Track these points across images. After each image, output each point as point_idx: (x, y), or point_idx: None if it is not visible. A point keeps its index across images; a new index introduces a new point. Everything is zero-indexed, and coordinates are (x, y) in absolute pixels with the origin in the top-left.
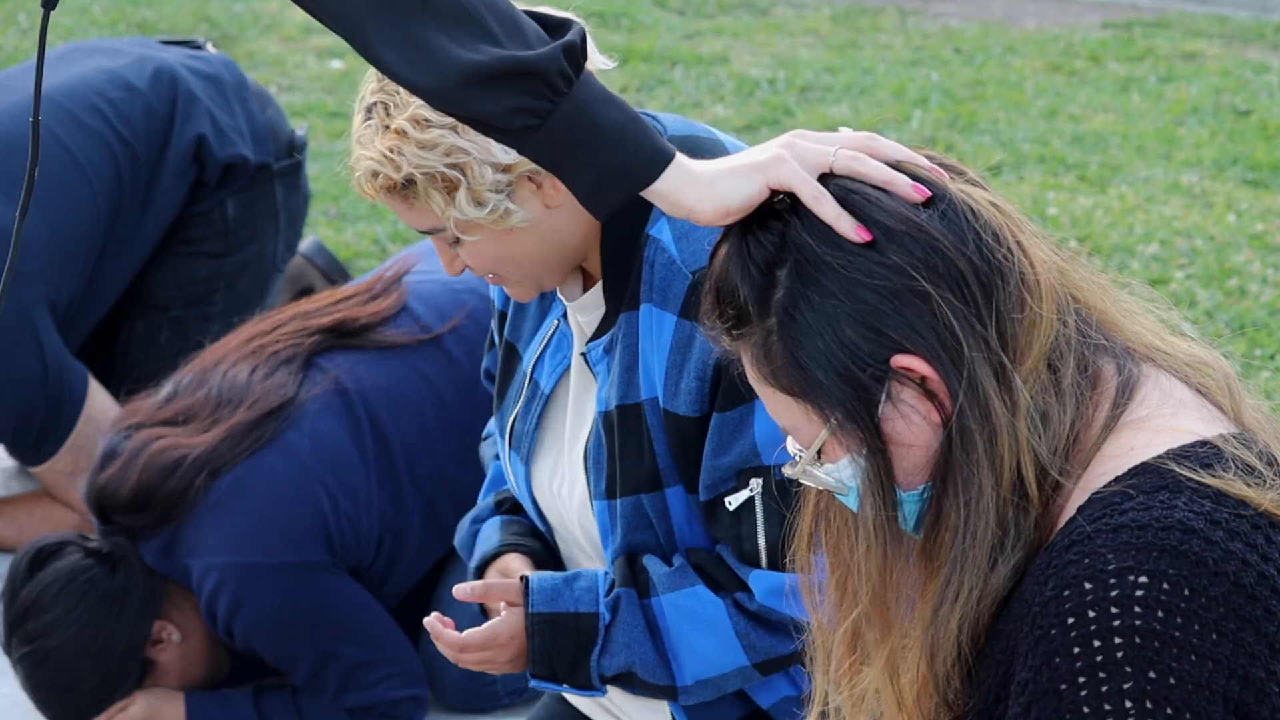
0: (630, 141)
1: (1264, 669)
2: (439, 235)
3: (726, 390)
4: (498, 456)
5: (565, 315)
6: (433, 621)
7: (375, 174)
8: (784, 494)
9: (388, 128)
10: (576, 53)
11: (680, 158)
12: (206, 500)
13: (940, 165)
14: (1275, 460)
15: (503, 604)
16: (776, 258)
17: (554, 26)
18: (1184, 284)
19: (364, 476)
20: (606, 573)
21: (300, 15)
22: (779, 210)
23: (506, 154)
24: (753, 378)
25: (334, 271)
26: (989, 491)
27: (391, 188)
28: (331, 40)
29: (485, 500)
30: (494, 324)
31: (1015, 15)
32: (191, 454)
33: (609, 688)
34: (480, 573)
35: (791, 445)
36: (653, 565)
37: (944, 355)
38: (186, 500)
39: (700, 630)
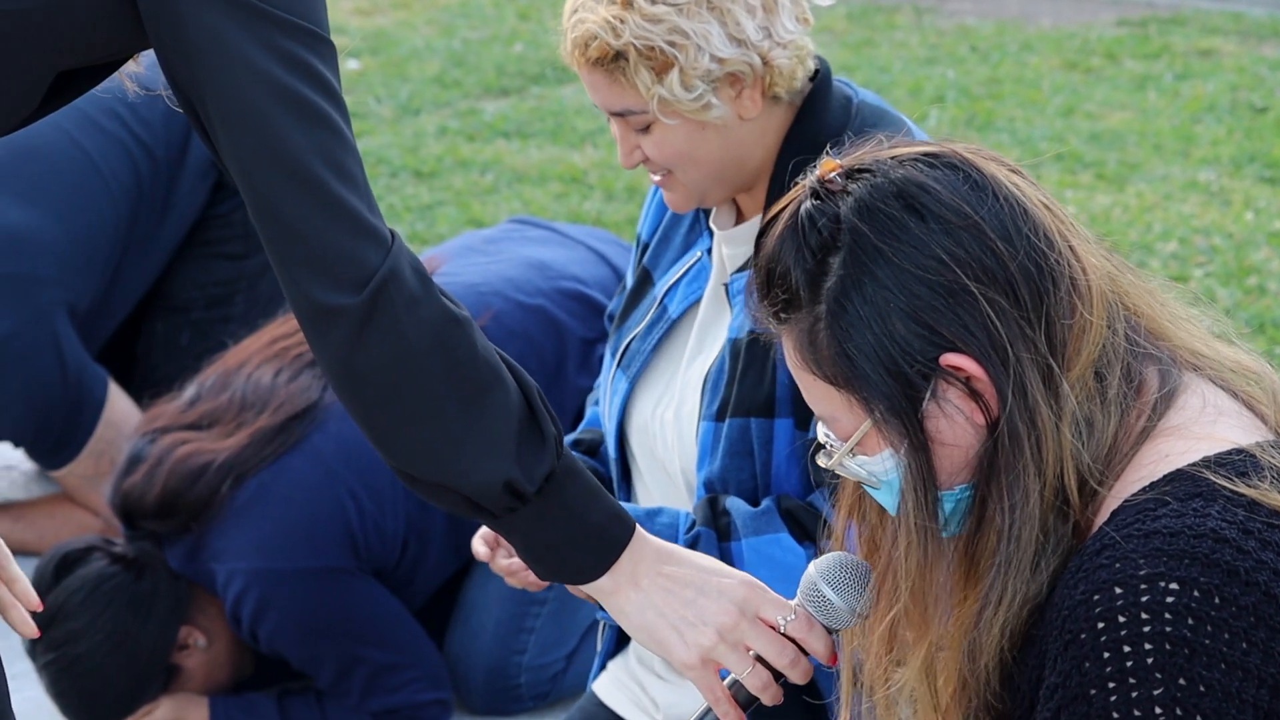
0: (577, 559)
1: None
2: (629, 119)
3: None
4: (596, 403)
5: (710, 251)
6: (479, 546)
7: (590, 40)
8: None
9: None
10: (517, 484)
11: (639, 571)
12: (232, 505)
13: (992, 160)
14: None
15: None
16: (831, 243)
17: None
18: (1203, 282)
19: (389, 478)
20: (688, 513)
21: None
22: (834, 192)
23: (724, 47)
24: (793, 363)
25: None
26: (1034, 496)
27: (601, 58)
28: (348, 40)
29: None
30: (633, 259)
31: (1031, 13)
32: (217, 459)
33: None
34: None
35: (823, 434)
36: (736, 508)
37: (994, 356)
38: (212, 506)
39: (778, 578)
